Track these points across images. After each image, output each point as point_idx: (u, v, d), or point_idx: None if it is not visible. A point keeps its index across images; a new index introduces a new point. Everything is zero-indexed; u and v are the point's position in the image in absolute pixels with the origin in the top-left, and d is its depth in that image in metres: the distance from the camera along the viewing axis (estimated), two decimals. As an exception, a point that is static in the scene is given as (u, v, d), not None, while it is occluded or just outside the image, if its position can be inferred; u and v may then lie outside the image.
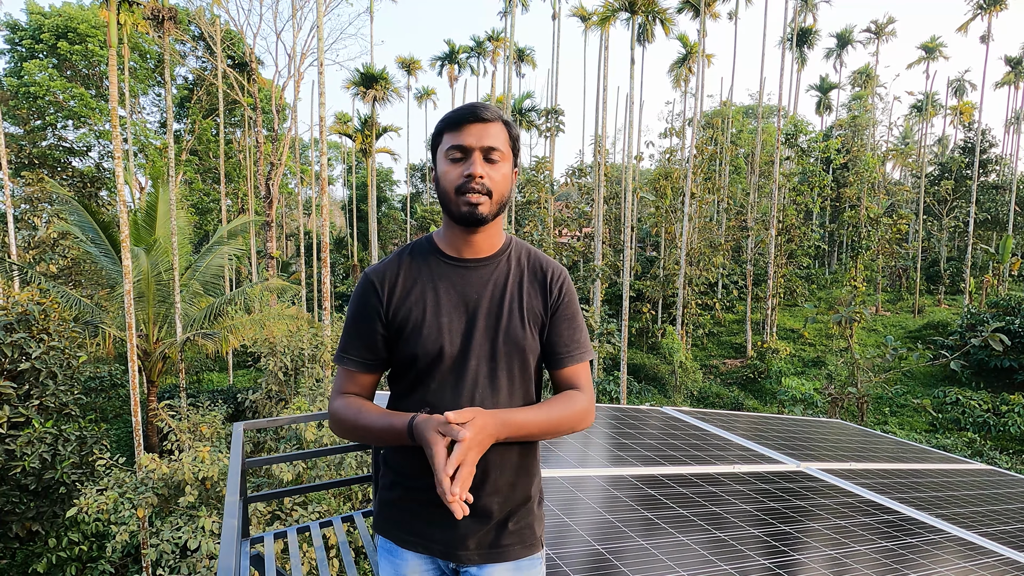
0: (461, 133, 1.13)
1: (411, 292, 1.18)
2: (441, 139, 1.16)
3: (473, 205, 1.12)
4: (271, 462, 2.24)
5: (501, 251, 1.23)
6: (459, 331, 1.16)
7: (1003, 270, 28.70)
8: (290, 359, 11.07)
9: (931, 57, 38.71)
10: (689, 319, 25.02)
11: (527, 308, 1.20)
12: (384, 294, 1.18)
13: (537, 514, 1.25)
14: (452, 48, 39.54)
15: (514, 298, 1.20)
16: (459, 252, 1.21)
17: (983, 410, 17.25)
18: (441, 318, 1.16)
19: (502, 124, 1.16)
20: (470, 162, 1.12)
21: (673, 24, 22.80)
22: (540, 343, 1.23)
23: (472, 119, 1.13)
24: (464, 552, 1.17)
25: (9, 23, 25.80)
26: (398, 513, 1.21)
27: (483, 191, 1.12)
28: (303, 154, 36.56)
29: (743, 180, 35.64)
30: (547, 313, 1.23)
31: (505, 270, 1.22)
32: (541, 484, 1.31)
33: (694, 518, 2.08)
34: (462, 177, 1.12)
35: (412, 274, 1.20)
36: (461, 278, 1.19)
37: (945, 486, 3.22)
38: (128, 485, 7.17)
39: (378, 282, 1.19)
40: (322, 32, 13.31)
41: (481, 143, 1.12)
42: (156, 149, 27.62)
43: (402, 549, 1.22)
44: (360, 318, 1.20)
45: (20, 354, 8.33)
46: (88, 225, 13.60)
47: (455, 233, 1.20)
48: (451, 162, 1.14)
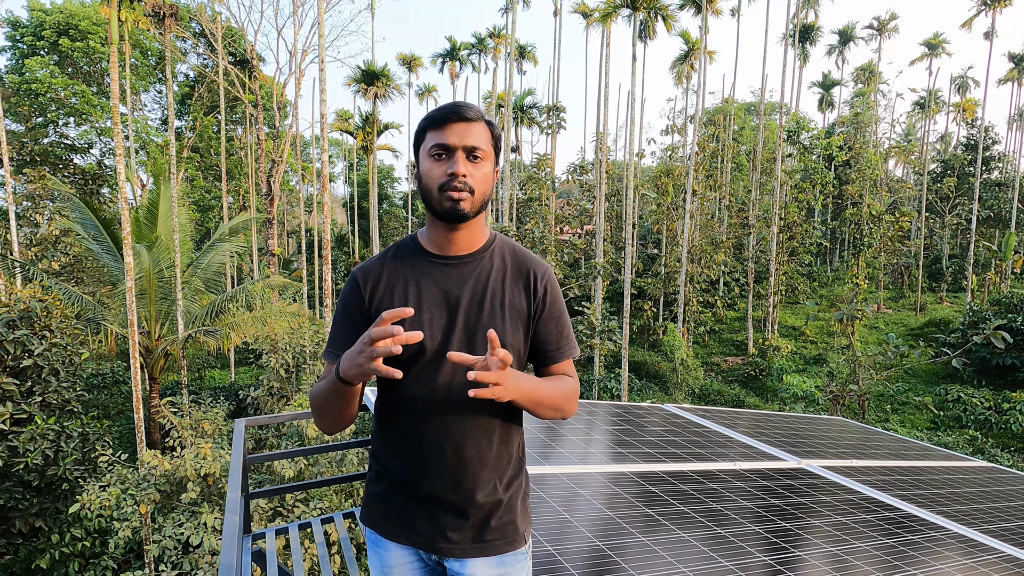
0: (444, 132, 1.14)
1: (394, 288, 1.21)
2: (424, 137, 1.18)
3: (455, 201, 1.14)
4: (273, 458, 2.25)
5: (484, 248, 1.25)
6: (440, 326, 1.18)
7: (1005, 268, 28.63)
8: (291, 356, 11.09)
9: (934, 54, 38.55)
10: (690, 316, 25.00)
11: (509, 305, 1.22)
12: (367, 290, 1.22)
13: (521, 509, 1.27)
14: (453, 45, 39.46)
15: (496, 294, 1.21)
16: (442, 249, 1.23)
17: (985, 408, 17.23)
18: (422, 314, 1.18)
19: (484, 124, 1.18)
20: (453, 160, 1.14)
21: (675, 21, 22.73)
22: (523, 340, 1.24)
23: (455, 118, 1.15)
24: (446, 545, 1.19)
25: (11, 20, 25.78)
26: (383, 505, 1.24)
27: (466, 188, 1.14)
28: (304, 151, 36.53)
29: (745, 177, 35.55)
30: (532, 312, 1.24)
31: (488, 267, 1.23)
32: (527, 480, 1.32)
33: (695, 515, 2.08)
34: (445, 175, 1.14)
35: (395, 271, 1.23)
36: (443, 274, 1.21)
37: (947, 483, 3.22)
38: (130, 481, 7.20)
39: (362, 279, 1.23)
40: (323, 29, 13.29)
41: (464, 142, 1.14)
42: (158, 146, 27.63)
43: (386, 540, 1.25)
44: (345, 314, 1.24)
45: (23, 351, 8.35)
46: (90, 222, 13.62)
47: (438, 231, 1.22)
48: (434, 159, 1.16)
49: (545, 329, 1.26)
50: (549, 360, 1.28)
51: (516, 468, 1.28)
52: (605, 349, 17.68)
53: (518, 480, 1.28)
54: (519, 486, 1.28)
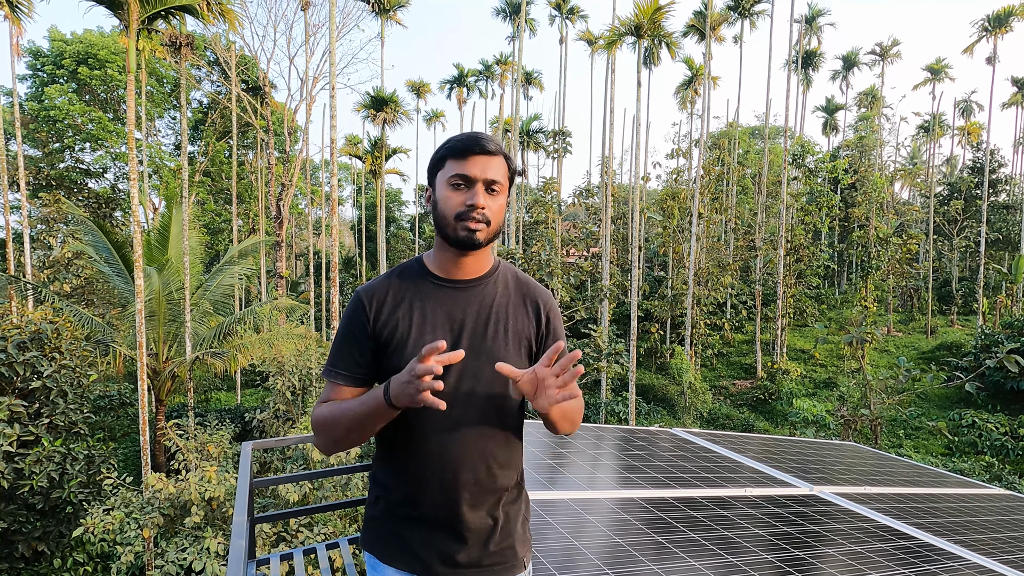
0: (466, 163, 1.17)
1: (398, 309, 1.21)
2: (443, 165, 1.20)
3: (472, 231, 1.17)
4: (279, 482, 2.24)
5: (489, 274, 1.27)
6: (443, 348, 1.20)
7: (1016, 290, 28.35)
8: (298, 378, 11.07)
9: (937, 78, 38.86)
10: (698, 339, 24.83)
11: (513, 330, 1.24)
12: (371, 310, 1.21)
13: (521, 534, 1.27)
14: (461, 72, 40.24)
15: (500, 319, 1.23)
16: (448, 273, 1.25)
17: (1001, 433, 16.88)
18: (426, 335, 1.19)
19: (503, 158, 1.21)
20: (473, 192, 1.17)
21: (679, 48, 23.13)
22: (526, 366, 1.25)
23: (477, 150, 1.17)
24: (444, 569, 1.19)
25: (32, 50, 26.61)
26: (381, 528, 1.24)
27: (483, 220, 1.17)
28: (314, 175, 37.07)
29: (751, 200, 35.65)
30: (538, 338, 1.28)
31: (492, 292, 1.26)
32: (527, 504, 1.33)
33: (706, 542, 2.05)
34: (464, 205, 1.17)
35: (400, 292, 1.24)
36: (448, 298, 1.23)
37: (963, 511, 3.14)
38: (134, 505, 7.15)
39: (367, 299, 1.23)
40: (334, 57, 13.60)
41: (484, 175, 1.17)
42: (170, 171, 28.15)
43: (384, 565, 1.24)
44: (348, 333, 1.23)
45: (32, 372, 8.41)
46: (102, 245, 13.81)
47: (447, 256, 1.24)
48: (453, 188, 1.18)
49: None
50: None
51: (515, 492, 1.28)
52: (612, 372, 17.55)
53: (517, 504, 1.28)
54: (518, 510, 1.28)
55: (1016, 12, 28.59)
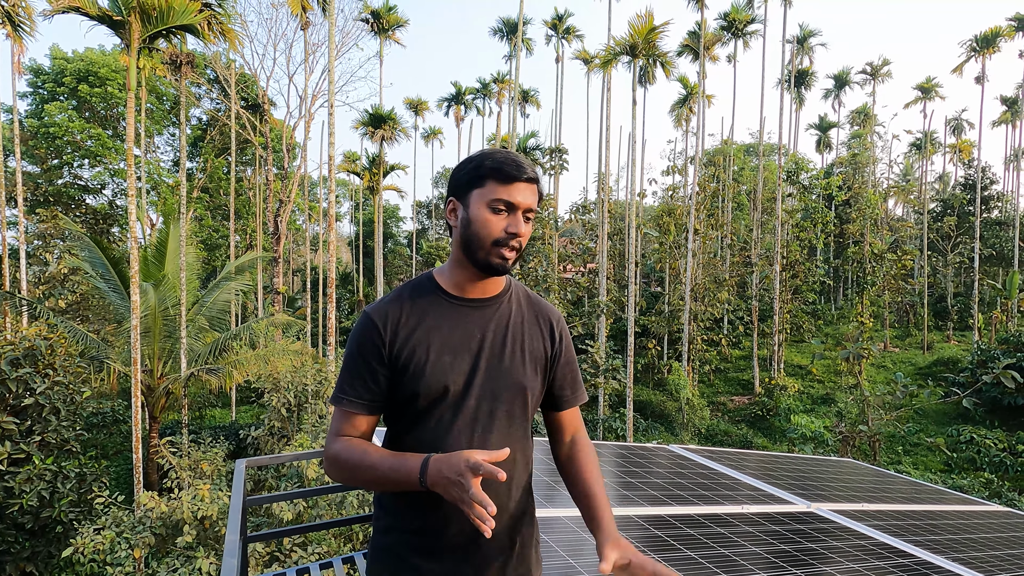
0: (511, 189, 1.13)
1: (415, 331, 1.16)
2: (484, 184, 1.14)
3: (505, 259, 1.14)
4: (273, 500, 2.22)
5: (503, 292, 1.25)
6: (462, 370, 1.16)
7: (1011, 306, 28.49)
8: (293, 395, 10.99)
9: (927, 97, 39.48)
10: (695, 355, 24.81)
11: (529, 349, 1.22)
12: (387, 333, 1.15)
13: (535, 558, 1.25)
14: (459, 90, 40.72)
15: (516, 338, 1.21)
16: (463, 292, 1.21)
17: (999, 449, 16.83)
18: (444, 357, 1.15)
19: (537, 186, 1.18)
20: (515, 220, 1.13)
21: (673, 67, 23.44)
22: (540, 384, 1.24)
23: (524, 178, 1.14)
24: None
25: (33, 67, 26.83)
26: (393, 559, 1.18)
27: (517, 248, 1.15)
28: (312, 191, 37.22)
29: (746, 216, 35.90)
30: (551, 357, 1.26)
31: (507, 311, 1.23)
32: (538, 528, 1.31)
33: (703, 561, 2.03)
34: (504, 232, 1.13)
35: (415, 312, 1.18)
36: (464, 317, 1.19)
37: (962, 529, 3.13)
38: (125, 524, 7.04)
39: (380, 321, 1.16)
40: (333, 76, 13.76)
41: (527, 203, 1.14)
42: (168, 187, 28.22)
43: None
44: (361, 357, 1.16)
45: (24, 389, 8.33)
46: (98, 260, 13.80)
47: (466, 275, 1.20)
48: (494, 212, 1.13)
49: (561, 374, 1.28)
50: (564, 405, 1.30)
51: (530, 517, 1.26)
52: (609, 388, 17.49)
53: (530, 528, 1.26)
54: (531, 533, 1.26)
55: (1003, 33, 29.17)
